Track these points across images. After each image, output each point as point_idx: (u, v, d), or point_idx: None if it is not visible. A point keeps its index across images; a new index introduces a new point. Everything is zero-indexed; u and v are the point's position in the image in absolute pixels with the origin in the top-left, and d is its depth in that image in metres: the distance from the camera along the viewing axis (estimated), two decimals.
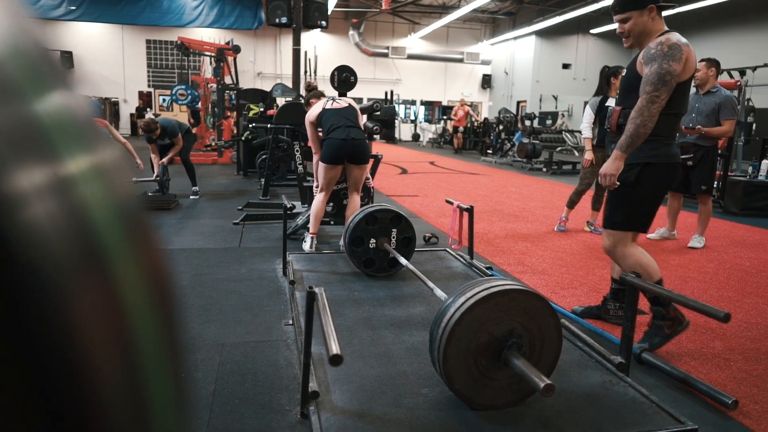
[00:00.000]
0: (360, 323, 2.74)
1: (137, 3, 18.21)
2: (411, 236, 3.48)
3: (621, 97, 2.56)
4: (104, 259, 0.28)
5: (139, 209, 0.33)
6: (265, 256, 3.98)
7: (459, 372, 1.84)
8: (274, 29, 17.92)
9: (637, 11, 2.40)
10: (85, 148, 0.29)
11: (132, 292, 0.29)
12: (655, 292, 2.09)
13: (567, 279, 3.67)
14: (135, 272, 0.30)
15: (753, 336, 2.77)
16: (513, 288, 1.87)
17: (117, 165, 0.32)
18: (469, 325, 1.81)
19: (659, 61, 2.30)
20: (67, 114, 0.29)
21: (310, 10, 9.01)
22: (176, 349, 0.34)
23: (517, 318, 1.86)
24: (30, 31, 0.29)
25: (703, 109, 4.64)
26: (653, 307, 2.53)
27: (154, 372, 0.31)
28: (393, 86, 21.63)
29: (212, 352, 2.38)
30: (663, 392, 2.13)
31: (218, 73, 10.88)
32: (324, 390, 2.03)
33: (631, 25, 2.44)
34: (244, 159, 8.77)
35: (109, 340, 0.28)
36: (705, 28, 17.29)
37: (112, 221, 0.29)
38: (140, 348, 0.30)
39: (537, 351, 1.91)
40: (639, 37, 2.46)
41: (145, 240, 0.33)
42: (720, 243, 4.95)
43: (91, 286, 0.27)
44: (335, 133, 3.85)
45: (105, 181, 0.30)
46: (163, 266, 0.34)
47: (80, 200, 0.27)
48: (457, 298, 1.86)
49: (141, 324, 0.30)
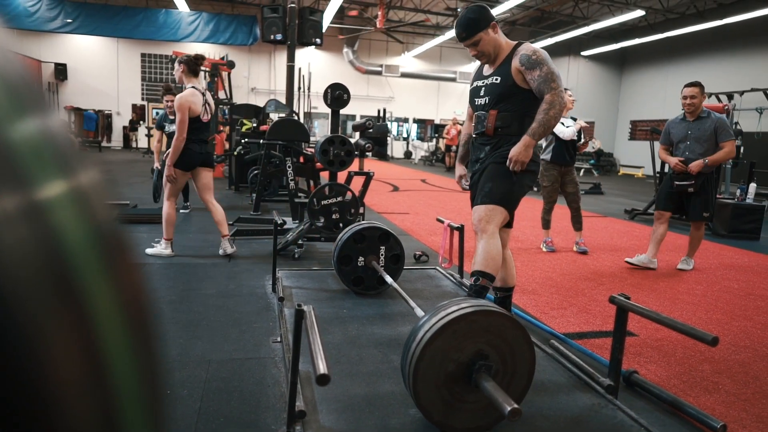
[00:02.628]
0: (348, 342, 2.72)
1: (133, 17, 18.29)
2: (400, 253, 3.47)
3: (494, 102, 2.67)
4: (77, 286, 0.27)
5: (116, 232, 0.32)
6: (255, 271, 3.96)
7: (435, 404, 1.82)
8: (269, 45, 18.02)
9: (483, 31, 2.64)
10: (60, 172, 0.29)
11: (106, 321, 0.29)
12: (644, 314, 2.09)
13: (557, 300, 3.67)
14: (109, 299, 0.29)
15: (741, 359, 2.77)
16: (468, 311, 1.81)
17: (96, 188, 0.32)
18: (431, 359, 1.78)
19: (547, 63, 2.55)
20: (42, 139, 0.29)
21: (305, 28, 9.08)
22: (153, 376, 0.33)
23: (480, 339, 1.82)
24: (5, 57, 0.29)
25: (698, 136, 4.48)
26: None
27: (129, 399, 0.31)
28: (386, 104, 21.79)
29: (198, 369, 2.35)
30: (652, 415, 2.12)
31: (212, 87, 10.90)
32: (311, 409, 2.01)
33: (482, 45, 2.67)
34: (236, 174, 8.76)
35: (82, 372, 0.27)
36: (693, 52, 17.61)
37: (86, 247, 0.28)
38: (115, 377, 0.29)
39: (510, 364, 1.88)
40: (494, 52, 2.69)
41: (121, 264, 0.32)
42: (709, 265, 4.98)
43: (63, 315, 0.26)
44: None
45: (80, 206, 0.29)
46: (140, 291, 0.33)
47: (53, 226, 0.27)
48: (416, 333, 1.84)
49: (116, 353, 0.29)
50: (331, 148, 4.52)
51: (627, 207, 8.81)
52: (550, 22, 19.21)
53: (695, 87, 4.48)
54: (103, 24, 18.08)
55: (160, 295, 3.31)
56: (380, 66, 22.68)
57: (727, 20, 14.66)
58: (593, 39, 20.22)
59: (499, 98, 2.65)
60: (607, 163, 20.71)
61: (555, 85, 2.52)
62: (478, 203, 2.66)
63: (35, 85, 0.31)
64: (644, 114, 20.36)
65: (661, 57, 19.10)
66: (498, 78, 2.65)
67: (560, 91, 2.52)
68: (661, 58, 19.09)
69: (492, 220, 2.60)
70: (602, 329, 3.12)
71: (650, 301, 3.71)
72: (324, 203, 4.30)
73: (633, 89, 21.33)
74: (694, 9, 16.32)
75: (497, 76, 2.66)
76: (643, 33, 18.10)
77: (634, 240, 6.13)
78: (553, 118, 2.52)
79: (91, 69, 19.74)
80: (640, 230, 6.86)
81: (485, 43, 2.65)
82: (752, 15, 13.91)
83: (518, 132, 2.61)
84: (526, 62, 2.56)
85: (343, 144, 4.55)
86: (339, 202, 4.33)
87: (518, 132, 2.61)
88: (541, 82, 2.54)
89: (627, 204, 9.49)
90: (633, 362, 2.64)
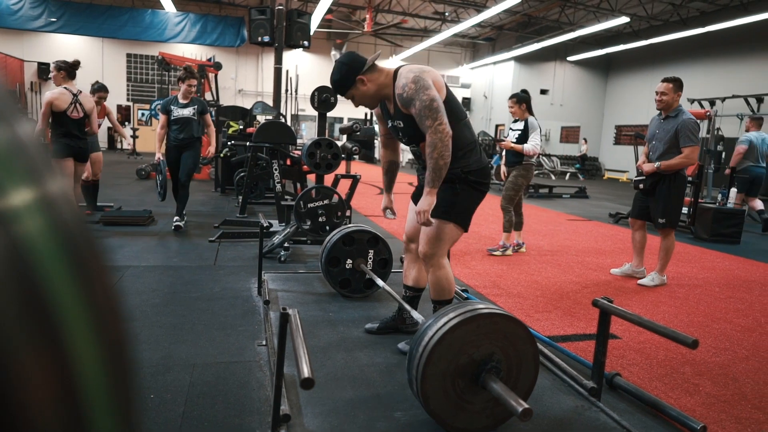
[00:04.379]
0: (334, 345, 2.72)
1: (119, 17, 18.11)
2: (388, 258, 3.49)
3: (415, 139, 2.52)
4: (45, 294, 0.27)
5: (86, 238, 0.32)
6: (241, 274, 3.94)
7: (436, 392, 1.84)
8: (256, 47, 18.00)
9: (352, 88, 2.47)
10: (26, 179, 0.29)
11: (76, 327, 0.29)
12: (627, 318, 2.12)
13: (542, 303, 3.70)
14: (78, 306, 0.29)
15: (721, 362, 2.81)
16: (496, 312, 1.89)
17: (65, 194, 0.32)
18: (450, 345, 1.81)
19: (416, 98, 2.31)
20: (8, 146, 0.28)
21: (292, 30, 9.07)
22: (125, 384, 0.33)
23: (497, 342, 1.87)
24: None
25: (662, 136, 4.20)
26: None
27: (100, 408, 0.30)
28: None
29: (183, 372, 2.33)
30: (634, 417, 2.15)
31: (199, 89, 10.84)
32: (296, 413, 2.00)
33: (359, 99, 2.51)
34: (223, 176, 8.71)
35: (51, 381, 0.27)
36: (677, 59, 17.86)
37: (54, 254, 0.28)
38: (86, 385, 0.29)
39: (513, 377, 1.92)
40: (376, 96, 2.52)
41: (92, 270, 0.32)
42: (690, 269, 5.05)
43: (31, 323, 0.26)
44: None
45: (48, 213, 0.29)
46: (111, 297, 0.33)
47: (20, 234, 0.27)
48: (439, 319, 1.87)
49: (86, 360, 0.29)
50: (318, 150, 4.52)
51: (611, 211, 8.90)
52: (536, 27, 19.37)
53: (668, 83, 4.17)
54: (88, 23, 17.88)
55: (144, 299, 3.28)
56: None
57: (709, 28, 14.90)
58: (579, 44, 20.43)
59: (415, 136, 2.49)
60: (592, 167, 20.94)
61: (430, 122, 2.29)
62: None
63: (2, 90, 0.31)
64: (629, 119, 20.61)
65: (645, 63, 19.35)
66: (400, 122, 2.50)
67: (438, 125, 2.28)
68: (646, 64, 19.34)
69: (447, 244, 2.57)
70: (586, 332, 3.15)
71: (633, 305, 3.76)
72: (310, 206, 4.29)
73: (618, 94, 21.58)
74: (678, 17, 16.57)
75: (398, 119, 2.50)
76: (628, 39, 18.34)
77: (618, 243, 6.20)
78: (440, 159, 2.29)
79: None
80: (624, 234, 6.94)
81: (361, 95, 2.50)
82: (734, 23, 14.15)
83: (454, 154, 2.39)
84: (402, 102, 2.39)
85: (330, 147, 4.55)
86: (326, 205, 4.33)
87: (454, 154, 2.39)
88: (419, 122, 2.34)
89: (611, 208, 9.59)
90: (616, 365, 2.67)
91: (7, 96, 0.31)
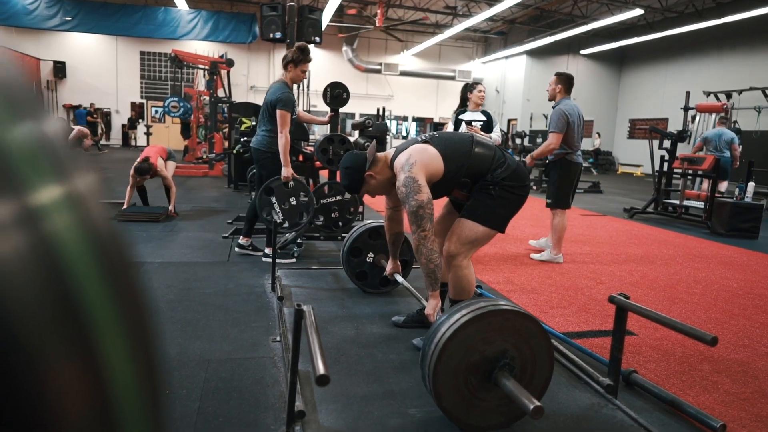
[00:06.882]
0: (348, 341, 2.72)
1: (132, 15, 18.24)
2: (408, 259, 3.51)
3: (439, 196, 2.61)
4: (74, 292, 0.27)
5: (113, 234, 0.32)
6: (254, 270, 3.95)
7: (448, 389, 1.83)
8: (268, 44, 17.96)
9: (363, 186, 2.59)
10: (55, 177, 0.28)
11: (104, 324, 0.28)
12: (644, 314, 2.09)
13: (556, 299, 3.67)
14: (107, 303, 0.29)
15: (740, 358, 2.77)
16: (507, 308, 1.87)
17: (93, 191, 0.31)
18: (461, 342, 1.80)
19: (406, 202, 2.39)
20: (35, 143, 0.28)
21: (304, 26, 9.05)
22: (152, 379, 0.33)
23: (510, 339, 1.85)
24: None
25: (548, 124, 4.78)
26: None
27: (128, 403, 0.30)
28: (385, 102, 21.74)
29: (197, 368, 2.34)
30: (651, 415, 2.13)
31: (211, 85, 10.89)
32: (310, 409, 2.01)
33: (373, 188, 2.62)
34: (235, 172, 8.75)
35: (80, 378, 0.26)
36: (692, 51, 17.60)
37: (82, 251, 0.28)
38: (114, 381, 0.29)
39: (528, 374, 1.90)
40: (387, 183, 2.60)
41: (119, 267, 0.32)
42: (707, 264, 4.98)
43: (61, 321, 0.26)
44: None
45: (76, 210, 0.29)
46: (138, 293, 0.33)
47: (49, 232, 0.26)
48: (452, 315, 1.86)
49: (115, 357, 0.29)
50: (330, 146, 4.51)
51: (626, 206, 8.81)
52: (549, 20, 19.18)
53: (553, 76, 4.89)
54: (102, 22, 18.03)
55: (159, 295, 3.30)
56: (379, 64, 22.65)
57: (726, 19, 14.65)
58: (592, 38, 20.21)
59: (442, 194, 2.63)
60: (605, 161, 20.72)
61: (415, 228, 2.37)
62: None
63: (29, 87, 0.30)
64: (643, 113, 20.36)
65: (659, 56, 19.10)
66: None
67: (421, 231, 2.36)
68: (660, 56, 19.08)
69: (477, 246, 2.63)
70: (601, 328, 3.12)
71: (649, 301, 3.72)
72: (323, 202, 4.30)
73: (632, 88, 21.33)
74: (693, 8, 16.30)
75: None
76: (642, 32, 18.08)
77: (633, 238, 6.13)
78: (429, 263, 2.38)
79: (90, 67, 19.71)
80: (639, 229, 6.86)
81: (374, 188, 2.61)
82: (750, 14, 13.91)
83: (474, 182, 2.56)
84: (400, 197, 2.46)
85: (343, 143, 4.54)
86: (338, 200, 4.33)
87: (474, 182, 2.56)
88: (408, 220, 2.45)
89: (626, 203, 9.50)
90: (632, 361, 2.64)
91: (33, 94, 0.30)
